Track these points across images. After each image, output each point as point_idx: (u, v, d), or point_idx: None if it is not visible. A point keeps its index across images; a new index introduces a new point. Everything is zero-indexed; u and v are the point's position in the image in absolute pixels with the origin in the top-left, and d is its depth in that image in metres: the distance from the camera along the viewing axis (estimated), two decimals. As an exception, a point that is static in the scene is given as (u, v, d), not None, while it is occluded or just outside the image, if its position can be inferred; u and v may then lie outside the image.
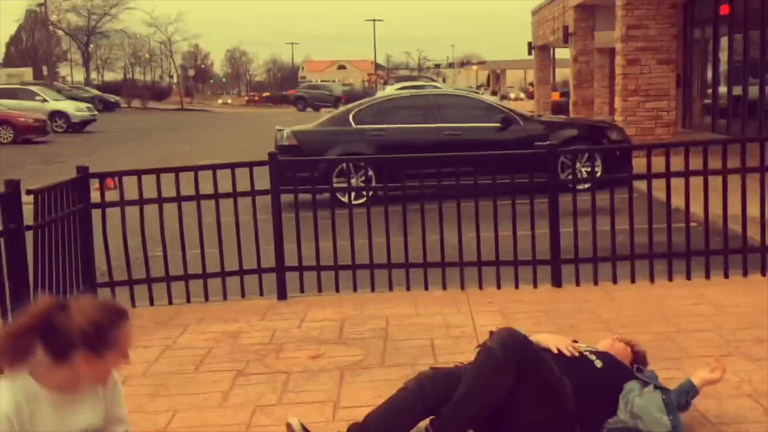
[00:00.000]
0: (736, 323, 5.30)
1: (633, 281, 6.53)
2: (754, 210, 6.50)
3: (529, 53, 39.39)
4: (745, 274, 6.51)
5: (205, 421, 4.25)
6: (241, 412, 4.32)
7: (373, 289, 6.66)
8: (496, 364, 3.56)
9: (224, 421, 4.23)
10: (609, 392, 3.86)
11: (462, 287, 6.63)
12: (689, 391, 3.78)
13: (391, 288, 6.65)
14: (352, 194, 7.08)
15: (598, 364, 3.94)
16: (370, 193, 8.45)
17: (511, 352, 3.57)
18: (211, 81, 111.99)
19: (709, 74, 20.43)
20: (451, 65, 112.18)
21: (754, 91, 17.30)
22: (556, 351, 3.90)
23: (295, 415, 4.00)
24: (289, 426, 3.59)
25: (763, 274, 6.50)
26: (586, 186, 7.54)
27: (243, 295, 6.67)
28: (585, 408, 3.75)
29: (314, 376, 4.81)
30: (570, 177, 7.12)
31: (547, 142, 7.57)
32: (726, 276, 6.47)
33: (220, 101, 73.15)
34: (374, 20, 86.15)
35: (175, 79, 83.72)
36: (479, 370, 3.60)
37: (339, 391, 4.55)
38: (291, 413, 4.23)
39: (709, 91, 20.31)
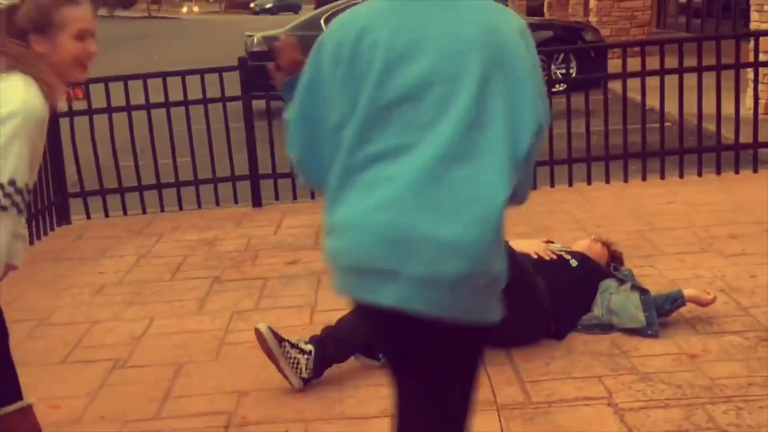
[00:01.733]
0: (709, 220, 5.33)
1: (607, 182, 6.54)
2: (729, 108, 6.49)
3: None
4: (718, 172, 6.54)
5: (182, 327, 4.26)
6: (218, 318, 4.33)
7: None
8: None
9: (202, 326, 4.24)
10: (585, 290, 3.91)
11: (437, 191, 6.61)
12: (676, 299, 3.81)
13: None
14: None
15: (574, 263, 3.97)
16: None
17: None
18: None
19: (685, -27, 20.13)
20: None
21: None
22: (535, 256, 3.91)
23: (271, 319, 4.01)
24: (257, 332, 3.50)
25: (737, 172, 6.53)
26: (561, 88, 7.48)
27: (217, 203, 6.63)
28: (561, 306, 3.79)
29: (291, 282, 4.81)
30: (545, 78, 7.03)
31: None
32: (699, 174, 6.49)
33: (184, 9, 70.48)
34: None
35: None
36: None
37: (316, 296, 4.56)
38: (268, 318, 4.23)
39: (685, -11, 20.05)
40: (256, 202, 6.61)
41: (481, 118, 1.86)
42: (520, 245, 3.89)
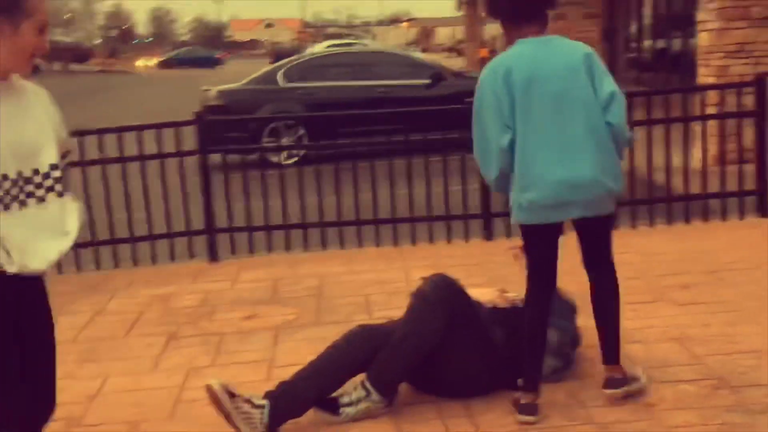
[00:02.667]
0: (661, 270, 5.43)
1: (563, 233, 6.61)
2: (678, 160, 6.65)
3: (458, 9, 39.35)
4: (669, 222, 6.67)
5: (137, 385, 4.20)
6: (174, 375, 4.28)
7: (306, 249, 6.64)
8: (429, 306, 3.59)
9: (157, 384, 4.19)
10: None
11: (395, 243, 6.66)
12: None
13: (324, 246, 6.64)
14: (284, 154, 7.02)
15: None
16: (302, 152, 8.40)
17: (443, 294, 3.61)
18: (135, 42, 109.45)
19: (634, 28, 20.70)
20: (380, 23, 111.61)
21: (677, 44, 17.60)
22: (490, 305, 3.95)
23: (228, 375, 3.98)
24: (209, 388, 3.43)
25: (687, 222, 6.67)
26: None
27: (173, 259, 6.59)
28: (519, 355, 3.81)
29: (248, 337, 4.78)
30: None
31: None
32: (651, 225, 6.62)
33: (139, 63, 70.01)
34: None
35: (97, 40, 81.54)
36: (413, 312, 3.63)
37: (274, 351, 4.54)
38: (225, 374, 4.20)
39: (634, 44, 20.60)
40: (213, 256, 6.59)
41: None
42: (475, 294, 3.93)
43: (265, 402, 3.44)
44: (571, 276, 3.86)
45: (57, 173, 2.45)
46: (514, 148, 3.40)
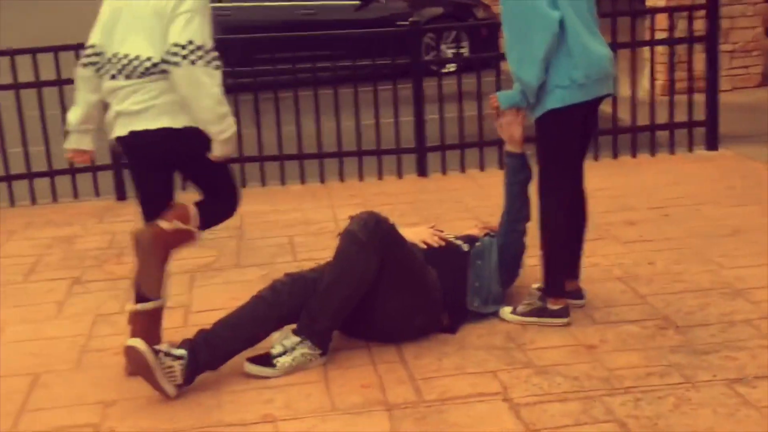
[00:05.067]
0: (605, 206, 5.54)
1: (501, 167, 6.68)
2: (624, 89, 6.74)
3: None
4: (615, 156, 6.80)
5: (39, 333, 4.16)
6: (79, 323, 4.25)
7: (223, 186, 6.58)
8: (360, 246, 3.61)
9: (61, 332, 4.15)
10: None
11: (322, 180, 6.65)
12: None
13: (244, 184, 6.59)
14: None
15: (465, 247, 4.07)
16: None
17: (373, 233, 3.64)
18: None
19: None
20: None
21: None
22: (424, 246, 3.99)
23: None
24: (132, 349, 3.38)
25: (634, 156, 6.81)
26: (452, 68, 7.59)
27: (76, 197, 6.49)
28: (453, 296, 3.88)
29: (161, 281, 4.75)
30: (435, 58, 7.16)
31: (410, 20, 7.55)
32: (596, 159, 6.73)
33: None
34: None
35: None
36: (342, 254, 3.65)
37: (190, 296, 4.53)
38: (136, 321, 4.19)
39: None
40: (120, 194, 6.50)
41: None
42: (407, 234, 3.96)
43: (183, 352, 3.44)
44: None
45: None
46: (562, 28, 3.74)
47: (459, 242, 4.11)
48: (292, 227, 5.60)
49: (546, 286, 3.92)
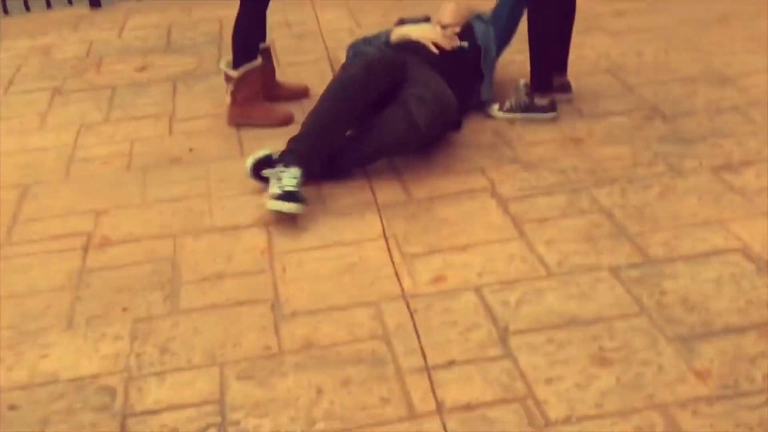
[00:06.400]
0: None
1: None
2: None
3: None
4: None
5: (23, 145, 4.15)
6: (64, 133, 4.24)
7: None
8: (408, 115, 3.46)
9: (46, 144, 4.15)
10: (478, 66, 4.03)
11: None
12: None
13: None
14: None
15: (465, 44, 4.00)
16: None
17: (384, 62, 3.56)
18: None
19: None
20: None
21: None
22: (436, 51, 3.90)
23: (127, 132, 3.98)
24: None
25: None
26: None
27: (49, 5, 6.32)
28: (461, 100, 3.77)
29: (143, 90, 4.72)
30: None
31: None
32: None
33: None
34: None
35: None
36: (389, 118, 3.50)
37: (173, 104, 4.50)
38: (121, 131, 4.19)
39: None
40: (94, 1, 6.33)
41: None
42: (415, 33, 3.91)
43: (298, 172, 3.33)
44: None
45: None
46: None
47: (459, 42, 4.01)
48: (274, 30, 5.46)
49: (533, 81, 3.90)
